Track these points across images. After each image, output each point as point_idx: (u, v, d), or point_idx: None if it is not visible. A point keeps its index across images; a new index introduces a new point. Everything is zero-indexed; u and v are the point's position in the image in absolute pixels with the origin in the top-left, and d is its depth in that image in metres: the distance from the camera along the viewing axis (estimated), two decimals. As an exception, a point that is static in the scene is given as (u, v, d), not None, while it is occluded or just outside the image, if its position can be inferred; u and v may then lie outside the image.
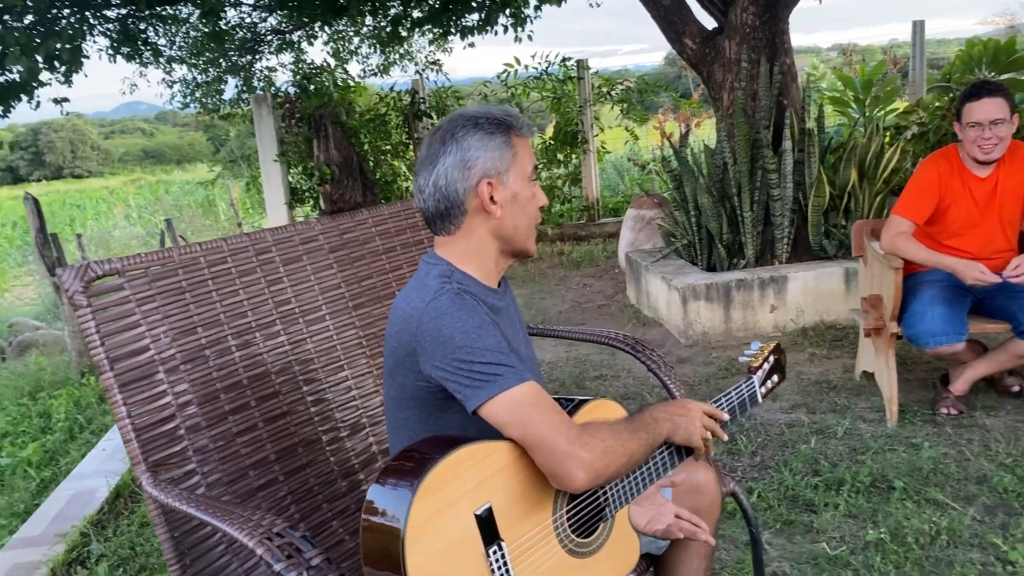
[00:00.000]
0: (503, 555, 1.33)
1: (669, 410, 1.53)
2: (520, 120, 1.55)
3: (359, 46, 10.14)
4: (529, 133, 1.56)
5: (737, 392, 1.75)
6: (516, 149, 1.51)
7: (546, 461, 1.34)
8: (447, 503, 1.28)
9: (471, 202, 1.50)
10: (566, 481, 1.34)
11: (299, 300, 2.01)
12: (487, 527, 1.32)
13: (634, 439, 1.42)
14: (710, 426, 1.58)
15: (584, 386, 4.19)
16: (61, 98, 6.60)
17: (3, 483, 3.99)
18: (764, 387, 1.83)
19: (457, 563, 1.29)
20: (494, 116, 1.52)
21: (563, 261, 7.63)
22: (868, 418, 3.50)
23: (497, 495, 1.35)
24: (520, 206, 1.53)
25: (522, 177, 1.52)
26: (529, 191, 1.54)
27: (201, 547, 1.73)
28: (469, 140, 1.49)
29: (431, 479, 1.27)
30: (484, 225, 1.52)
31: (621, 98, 8.78)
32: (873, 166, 5.01)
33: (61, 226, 17.50)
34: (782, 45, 5.04)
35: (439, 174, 1.50)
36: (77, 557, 3.01)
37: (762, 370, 1.83)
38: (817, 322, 4.77)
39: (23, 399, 5.24)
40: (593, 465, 1.34)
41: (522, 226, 1.54)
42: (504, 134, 1.51)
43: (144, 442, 1.67)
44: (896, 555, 2.50)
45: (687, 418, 1.53)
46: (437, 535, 1.26)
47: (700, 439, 1.55)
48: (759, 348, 1.88)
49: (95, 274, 1.66)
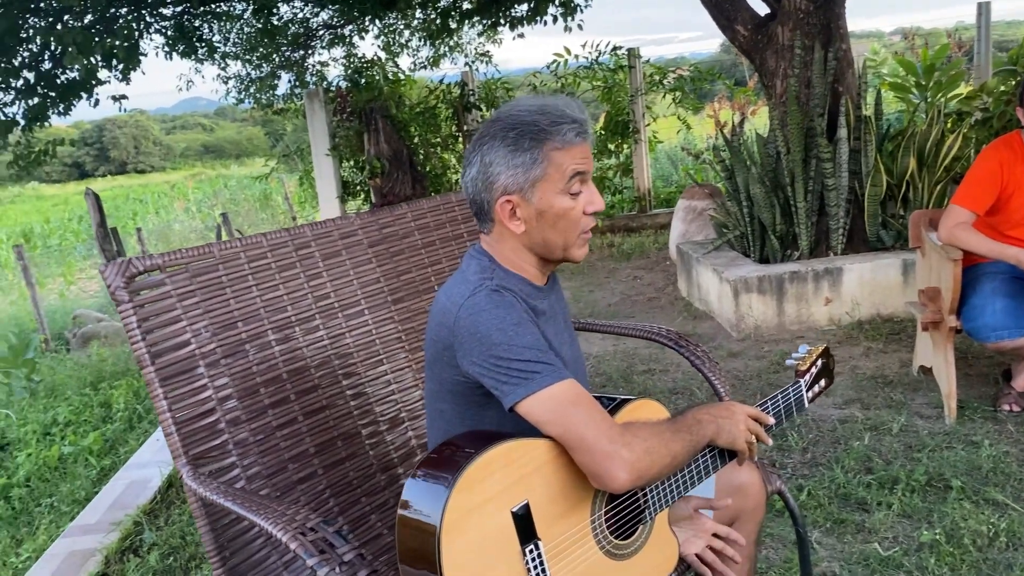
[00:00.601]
0: (539, 554, 1.31)
1: (713, 412, 1.49)
2: (561, 124, 1.42)
3: (409, 39, 10.19)
4: (577, 137, 1.43)
5: (784, 396, 1.70)
6: (548, 162, 1.42)
7: (586, 460, 1.32)
8: (484, 500, 1.27)
9: (496, 214, 1.47)
10: (607, 481, 1.31)
11: (338, 295, 2.01)
12: (524, 525, 1.31)
13: (677, 440, 1.39)
14: (755, 429, 1.54)
15: (632, 380, 4.15)
16: (120, 95, 6.78)
17: (66, 471, 4.11)
18: (811, 391, 1.78)
19: (493, 561, 1.27)
20: (528, 124, 1.42)
21: (613, 253, 7.57)
22: (925, 414, 3.40)
23: (535, 493, 1.33)
24: (548, 221, 1.45)
25: (553, 191, 1.43)
26: (563, 204, 1.44)
27: (240, 540, 1.75)
28: (492, 155, 1.43)
29: (468, 475, 1.25)
30: (513, 237, 1.48)
31: (673, 87, 8.66)
32: (933, 154, 4.85)
33: (124, 220, 18.03)
34: (837, 30, 4.90)
35: (467, 181, 1.48)
36: (130, 545, 3.09)
37: (809, 374, 1.78)
38: (873, 315, 4.64)
39: (85, 389, 5.40)
40: (635, 465, 1.31)
41: (553, 239, 1.46)
42: (534, 148, 1.41)
43: (185, 435, 1.69)
44: (952, 557, 2.42)
45: (731, 421, 1.49)
46: (473, 532, 1.25)
47: (744, 443, 1.51)
48: (807, 351, 1.83)
49: (136, 270, 1.69)
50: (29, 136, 6.81)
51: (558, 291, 1.65)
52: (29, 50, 6.32)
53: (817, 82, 4.82)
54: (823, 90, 4.83)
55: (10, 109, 6.32)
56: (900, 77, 6.88)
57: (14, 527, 3.55)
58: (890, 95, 7.17)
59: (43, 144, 7.12)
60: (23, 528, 3.52)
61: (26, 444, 4.50)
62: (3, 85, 6.17)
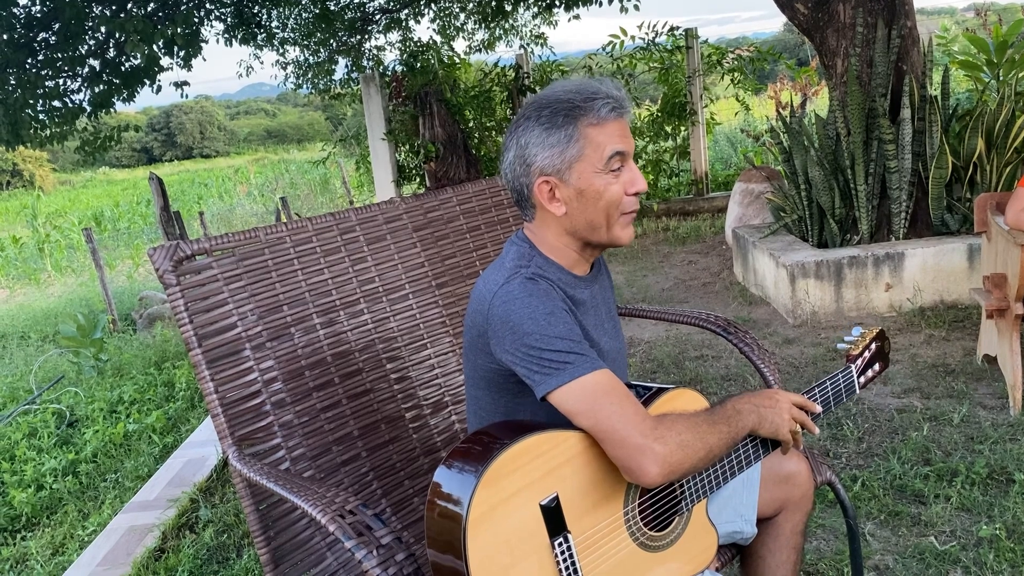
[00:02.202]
0: (569, 547, 1.30)
1: (755, 401, 1.44)
2: (595, 100, 1.38)
3: (464, 22, 10.18)
4: (611, 112, 1.39)
5: (832, 382, 1.64)
6: (585, 140, 1.39)
7: (618, 453, 1.29)
8: (512, 492, 1.26)
9: (536, 198, 1.45)
10: (638, 475, 1.28)
11: (383, 279, 2.02)
12: (553, 518, 1.29)
13: (714, 432, 1.35)
14: (800, 418, 1.49)
15: (683, 367, 4.10)
16: (182, 82, 6.92)
17: (130, 448, 4.25)
18: (863, 376, 1.72)
19: (520, 553, 1.26)
20: (562, 102, 1.39)
21: (668, 237, 7.48)
22: (988, 405, 3.28)
23: (565, 485, 1.31)
24: (589, 201, 1.41)
25: (592, 170, 1.39)
26: (603, 183, 1.40)
27: (285, 520, 1.77)
28: (527, 136, 1.41)
29: (497, 466, 1.25)
30: (555, 220, 1.45)
31: (732, 67, 8.49)
32: (1003, 135, 4.66)
33: (190, 204, 18.47)
34: (902, 7, 4.73)
35: (505, 168, 1.47)
36: (186, 522, 3.17)
37: (862, 358, 1.72)
38: (936, 302, 4.50)
39: (150, 369, 5.57)
40: (667, 460, 1.28)
41: (597, 220, 1.43)
42: (568, 126, 1.39)
43: (231, 417, 1.72)
44: (1012, 553, 2.33)
45: (774, 410, 1.45)
46: (500, 524, 1.24)
47: (788, 432, 1.47)
48: (860, 334, 1.77)
49: (184, 254, 1.72)
50: (96, 122, 7.01)
51: (604, 280, 1.62)
52: (95, 38, 6.49)
53: (880, 61, 4.67)
54: (886, 69, 4.68)
55: (76, 96, 6.51)
56: (971, 55, 6.62)
57: (81, 501, 3.68)
58: (960, 74, 6.91)
59: (109, 130, 7.31)
60: (89, 503, 3.65)
61: (93, 421, 4.66)
62: (70, 72, 6.36)
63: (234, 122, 51.23)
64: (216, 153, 44.81)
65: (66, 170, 36.47)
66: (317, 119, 44.11)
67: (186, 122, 46.20)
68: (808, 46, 12.30)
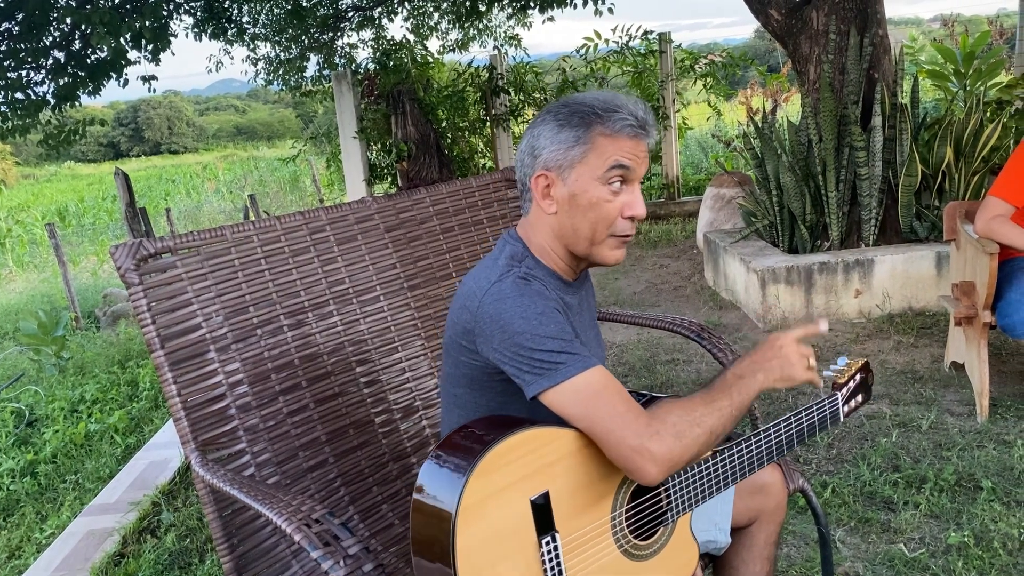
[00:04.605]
0: (556, 546, 1.27)
1: (754, 358, 1.39)
2: (615, 112, 1.36)
3: (438, 21, 10.12)
4: (627, 128, 1.37)
5: (819, 407, 1.62)
6: (591, 145, 1.37)
7: (615, 455, 1.28)
8: (503, 486, 1.23)
9: (532, 191, 1.44)
10: (638, 476, 1.27)
11: (353, 280, 1.98)
12: (542, 515, 1.27)
13: (712, 411, 1.30)
14: (806, 352, 1.43)
15: (655, 371, 4.09)
16: (149, 76, 6.79)
17: (91, 448, 4.15)
18: (847, 406, 1.71)
19: (507, 550, 1.23)
20: (584, 106, 1.38)
21: (640, 240, 7.49)
22: (956, 412, 3.31)
23: (556, 484, 1.29)
24: (580, 208, 1.39)
25: (591, 177, 1.38)
26: (597, 193, 1.38)
27: (249, 527, 1.73)
28: (542, 127, 1.41)
29: (489, 459, 1.22)
30: (545, 220, 1.44)
31: (704, 72, 8.53)
32: (971, 143, 4.71)
33: (157, 200, 18.20)
34: (874, 15, 4.77)
35: (518, 156, 1.47)
36: (148, 526, 3.10)
37: (847, 388, 1.71)
38: (905, 308, 4.54)
39: (113, 367, 5.45)
40: (665, 457, 1.25)
41: (583, 230, 1.40)
42: (580, 128, 1.37)
43: (194, 421, 1.67)
44: (980, 560, 2.34)
45: (779, 358, 1.39)
46: (489, 518, 1.22)
47: (804, 371, 1.41)
48: (846, 364, 1.76)
49: (148, 252, 1.66)
50: (60, 115, 6.85)
51: (588, 289, 1.60)
52: (60, 30, 6.35)
53: (852, 68, 4.70)
54: (858, 77, 4.71)
55: (40, 88, 6.36)
56: (938, 65, 6.71)
57: (39, 503, 3.58)
58: (927, 83, 7.00)
59: (74, 124, 7.16)
60: (48, 504, 3.56)
61: (54, 421, 4.55)
62: (33, 64, 6.21)
63: (203, 118, 50.61)
64: (184, 149, 44.23)
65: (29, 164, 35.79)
66: (288, 116, 43.74)
67: (154, 117, 45.57)
68: (778, 53, 12.40)
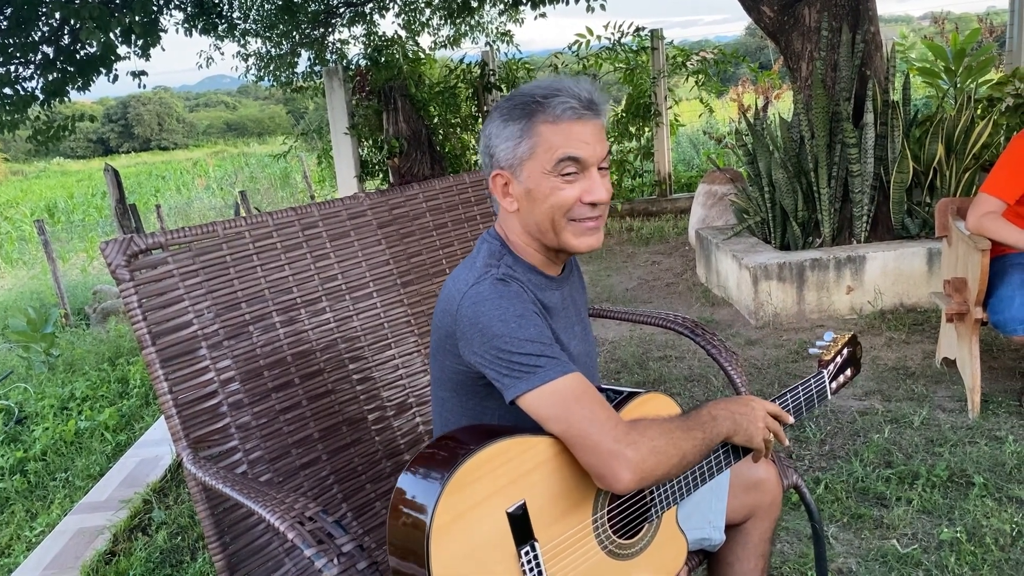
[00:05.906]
0: (536, 556, 1.26)
1: (731, 407, 1.42)
2: (555, 97, 1.32)
3: (430, 18, 10.09)
4: (568, 112, 1.32)
5: (804, 387, 1.62)
6: (538, 139, 1.34)
7: (589, 460, 1.26)
8: (479, 499, 1.22)
9: (493, 191, 1.43)
10: (611, 482, 1.25)
11: (346, 276, 1.97)
12: (520, 526, 1.25)
13: (688, 439, 1.31)
14: (773, 428, 1.46)
15: (647, 367, 4.09)
16: (139, 72, 6.75)
17: (82, 446, 4.12)
18: (835, 382, 1.71)
19: (486, 563, 1.22)
20: (525, 96, 1.35)
21: (632, 237, 7.49)
22: (948, 408, 3.32)
23: (533, 493, 1.28)
24: (536, 202, 1.37)
25: (540, 171, 1.34)
26: (549, 186, 1.35)
27: (241, 525, 1.71)
28: (491, 126, 1.39)
29: (462, 473, 1.20)
30: (512, 217, 1.43)
31: (696, 69, 8.53)
32: (962, 140, 4.72)
33: (147, 196, 18.12)
34: (866, 12, 4.77)
35: (479, 156, 1.45)
36: (139, 524, 3.08)
37: (834, 364, 1.71)
38: (896, 305, 4.55)
39: (103, 364, 5.42)
40: (640, 466, 1.24)
41: (543, 223, 1.38)
42: (522, 120, 1.34)
43: (186, 418, 1.66)
44: (972, 556, 2.35)
45: (749, 418, 1.42)
46: (464, 534, 1.20)
47: (761, 441, 1.44)
48: (831, 339, 1.75)
49: (138, 248, 1.65)
50: (49, 111, 6.80)
51: (575, 281, 1.58)
52: (49, 25, 6.30)
53: (844, 65, 4.71)
54: (850, 73, 4.72)
55: (29, 84, 6.31)
56: (929, 62, 6.71)
57: (29, 501, 3.56)
58: (918, 80, 7.01)
59: (63, 119, 7.11)
60: (38, 502, 3.53)
61: (43, 418, 4.52)
62: (21, 59, 6.16)
63: (193, 114, 50.37)
64: (174, 145, 44.02)
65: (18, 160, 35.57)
66: (278, 112, 43.57)
67: (144, 113, 45.33)
68: (769, 50, 12.42)
